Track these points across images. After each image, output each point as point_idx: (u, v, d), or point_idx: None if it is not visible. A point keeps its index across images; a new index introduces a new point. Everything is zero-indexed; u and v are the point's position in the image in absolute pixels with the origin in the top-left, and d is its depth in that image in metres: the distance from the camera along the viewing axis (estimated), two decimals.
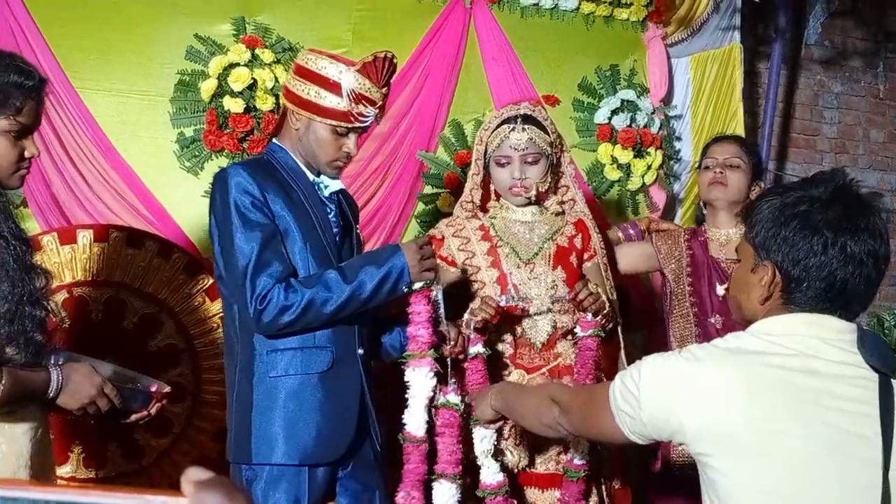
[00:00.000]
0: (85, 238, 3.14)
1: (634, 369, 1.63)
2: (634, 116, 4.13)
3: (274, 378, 2.27)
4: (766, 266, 1.61)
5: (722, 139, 3.15)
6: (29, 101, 1.91)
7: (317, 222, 2.36)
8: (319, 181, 2.44)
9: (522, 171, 2.71)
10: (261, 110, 3.51)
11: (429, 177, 3.83)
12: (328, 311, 2.23)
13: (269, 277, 2.19)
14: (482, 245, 2.77)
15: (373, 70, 2.30)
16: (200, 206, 3.49)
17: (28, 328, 1.84)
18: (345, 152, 2.38)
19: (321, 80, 2.31)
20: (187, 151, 3.50)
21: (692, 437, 1.53)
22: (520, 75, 3.97)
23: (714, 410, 1.50)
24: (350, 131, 2.36)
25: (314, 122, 2.34)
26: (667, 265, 3.12)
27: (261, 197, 2.26)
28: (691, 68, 4.44)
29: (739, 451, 1.48)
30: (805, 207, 1.58)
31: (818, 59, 5.42)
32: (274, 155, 2.43)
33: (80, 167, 3.37)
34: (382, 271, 2.27)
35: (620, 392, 1.63)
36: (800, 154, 5.40)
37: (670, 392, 1.55)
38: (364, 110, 2.31)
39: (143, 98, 3.47)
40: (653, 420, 1.58)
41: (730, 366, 1.52)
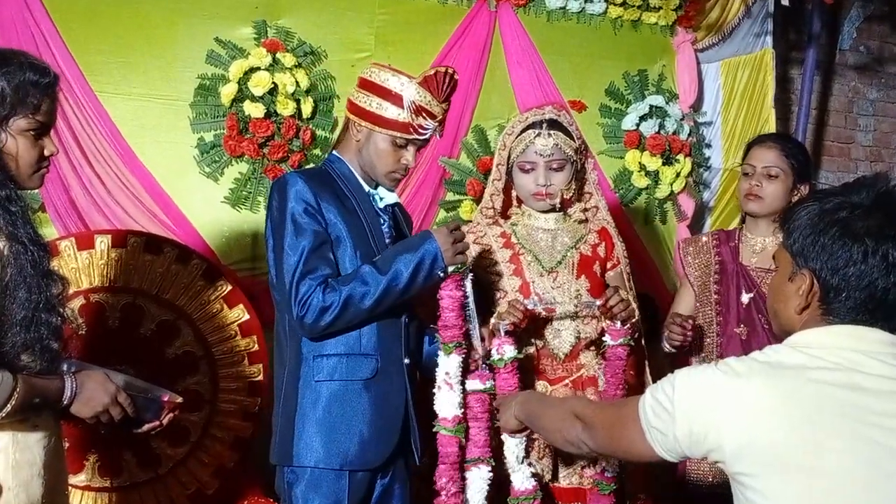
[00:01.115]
0: (103, 243, 3.16)
1: (667, 383, 1.58)
2: (663, 123, 4.12)
3: (319, 383, 2.34)
4: (804, 275, 1.57)
5: (763, 142, 3.06)
6: (46, 99, 1.92)
7: (369, 232, 2.43)
8: (375, 193, 2.51)
9: (547, 178, 2.69)
10: (281, 115, 3.53)
11: (451, 183, 3.83)
12: (367, 304, 2.29)
13: (312, 281, 2.27)
14: (504, 252, 2.76)
15: (433, 84, 2.40)
16: (220, 212, 3.53)
17: (44, 335, 1.85)
18: (403, 164, 2.45)
19: (383, 92, 2.40)
20: (207, 157, 3.52)
21: (731, 455, 1.49)
22: (545, 80, 3.96)
23: (754, 428, 1.46)
24: (409, 143, 2.44)
25: (375, 133, 2.42)
26: (692, 273, 3.09)
27: (315, 204, 2.34)
28: (722, 74, 4.42)
29: (781, 470, 1.44)
30: (845, 214, 1.54)
31: (853, 64, 5.38)
32: (332, 165, 2.51)
33: (98, 172, 3.39)
34: (416, 258, 2.31)
35: (652, 408, 1.59)
36: (833, 162, 5.36)
37: (707, 407, 1.51)
38: (424, 122, 2.40)
39: (162, 102, 3.49)
40: (688, 436, 1.54)
41: (771, 381, 1.48)
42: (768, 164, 2.98)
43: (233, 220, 3.55)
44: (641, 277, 3.66)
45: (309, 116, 3.61)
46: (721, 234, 3.17)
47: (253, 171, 3.55)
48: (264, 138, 3.51)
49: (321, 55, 3.68)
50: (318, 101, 3.64)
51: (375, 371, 2.37)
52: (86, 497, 3.06)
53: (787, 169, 2.98)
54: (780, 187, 2.98)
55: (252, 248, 3.54)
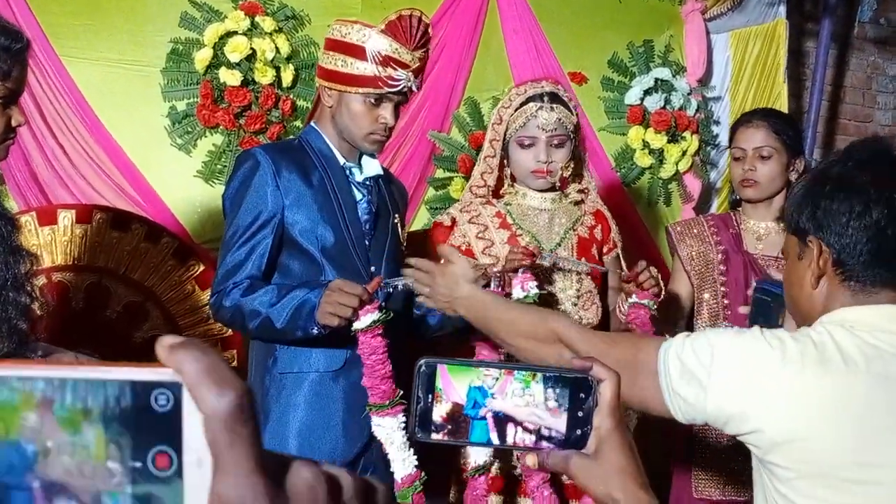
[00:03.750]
0: (66, 219, 3.13)
1: (702, 348, 1.48)
2: (669, 97, 4.10)
3: (288, 374, 2.37)
4: (810, 244, 1.56)
5: (749, 122, 3.02)
6: (16, 65, 1.89)
7: (338, 208, 2.42)
8: (353, 166, 2.49)
9: (548, 154, 2.69)
10: (260, 83, 3.48)
11: (441, 159, 3.81)
12: (252, 326, 2.31)
13: (227, 272, 2.32)
14: (501, 233, 2.75)
15: (398, 29, 2.35)
16: (192, 187, 3.50)
17: (12, 315, 1.82)
18: (381, 123, 2.41)
19: (347, 48, 2.37)
20: (179, 127, 3.48)
21: (767, 445, 1.44)
22: (544, 50, 3.94)
23: (801, 426, 1.42)
24: (384, 99, 2.40)
25: (345, 94, 2.40)
26: (687, 261, 3.09)
27: (269, 184, 2.35)
28: (731, 45, 4.40)
29: (819, 473, 1.41)
30: (839, 169, 1.54)
31: (872, 37, 5.37)
32: (306, 137, 2.50)
33: (62, 142, 3.35)
34: (298, 301, 2.25)
35: (678, 371, 1.49)
36: (849, 142, 5.37)
37: (750, 391, 1.44)
38: (394, 73, 2.36)
39: (132, 68, 3.44)
40: (718, 413, 1.47)
41: (825, 375, 1.42)
42: (759, 145, 2.98)
43: (206, 195, 3.50)
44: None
45: (289, 85, 3.57)
46: (717, 220, 3.16)
47: (228, 144, 3.51)
48: (241, 108, 3.47)
49: (304, 20, 3.63)
50: (300, 69, 3.59)
51: (344, 361, 2.37)
52: None
53: (780, 146, 2.97)
54: (774, 167, 2.98)
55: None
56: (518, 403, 0.96)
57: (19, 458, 0.44)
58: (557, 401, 0.97)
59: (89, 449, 0.45)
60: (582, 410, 0.98)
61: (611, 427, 1.00)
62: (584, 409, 0.98)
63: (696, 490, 2.94)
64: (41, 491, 0.45)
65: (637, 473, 1.01)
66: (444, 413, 0.95)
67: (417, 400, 0.95)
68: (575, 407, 0.98)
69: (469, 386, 0.95)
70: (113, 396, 0.45)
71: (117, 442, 0.45)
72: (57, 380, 0.45)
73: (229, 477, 0.44)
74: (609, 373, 1.00)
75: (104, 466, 0.45)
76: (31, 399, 0.45)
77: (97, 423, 0.45)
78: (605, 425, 1.00)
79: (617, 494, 1.00)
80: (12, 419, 0.45)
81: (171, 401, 0.45)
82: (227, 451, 0.44)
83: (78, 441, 0.45)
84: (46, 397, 0.45)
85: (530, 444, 0.97)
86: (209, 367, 0.45)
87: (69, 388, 0.45)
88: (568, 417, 0.97)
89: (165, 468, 0.45)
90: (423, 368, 0.95)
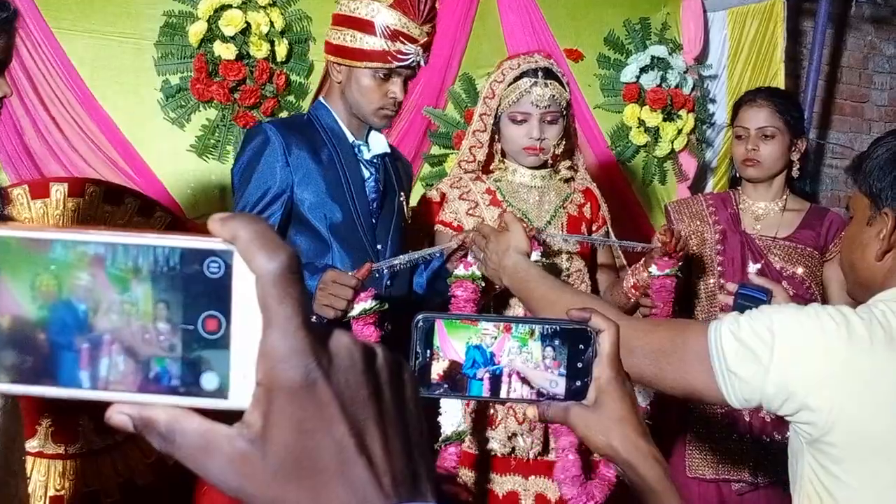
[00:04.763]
0: (58, 192, 3.12)
1: (760, 325, 1.43)
2: (665, 75, 4.10)
3: None
4: (885, 215, 1.53)
5: (753, 101, 3.03)
6: (3, 35, 1.88)
7: (346, 184, 2.43)
8: (361, 143, 2.51)
9: (541, 131, 2.68)
10: (254, 57, 3.48)
11: (436, 136, 3.81)
12: None
13: None
14: (492, 210, 2.74)
15: (407, 4, 2.38)
16: (185, 162, 3.49)
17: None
18: (391, 98, 2.45)
19: (355, 23, 2.40)
20: (172, 101, 3.48)
21: (824, 425, 1.40)
22: (540, 27, 3.93)
23: (866, 411, 1.38)
24: (392, 74, 2.43)
25: (354, 70, 2.43)
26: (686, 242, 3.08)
27: (279, 159, 2.36)
28: (729, 24, 4.39)
29: (873, 456, 1.39)
30: None
31: (869, 17, 5.36)
32: (315, 113, 2.53)
33: (54, 115, 3.34)
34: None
35: (734, 350, 1.43)
36: (846, 122, 5.36)
37: (815, 370, 1.40)
38: (403, 48, 2.39)
39: (125, 41, 3.43)
40: (778, 392, 1.41)
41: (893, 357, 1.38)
42: (762, 125, 2.98)
43: (199, 170, 3.51)
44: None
45: (283, 60, 3.57)
46: (716, 199, 3.17)
47: (222, 118, 3.51)
48: (235, 82, 3.47)
49: None
50: (294, 43, 3.60)
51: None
52: (38, 464, 3.04)
53: (783, 126, 2.98)
54: (777, 147, 2.98)
55: (220, 200, 3.50)
56: (515, 359, 0.97)
57: (72, 317, 0.47)
58: (556, 355, 0.98)
59: (138, 306, 0.48)
60: (581, 361, 0.99)
61: (610, 377, 1.00)
62: (584, 360, 0.99)
63: (689, 469, 2.95)
64: (88, 351, 0.47)
65: (637, 422, 1.01)
66: (443, 368, 0.96)
67: (416, 355, 0.96)
68: (574, 358, 0.98)
69: (467, 343, 0.96)
70: (164, 258, 0.48)
71: (166, 302, 0.48)
72: (110, 243, 0.48)
73: (279, 331, 0.48)
74: (608, 323, 1.00)
75: (153, 326, 0.48)
76: (84, 257, 0.48)
77: (146, 281, 0.48)
78: (605, 375, 1.00)
79: (616, 443, 1.01)
80: (66, 278, 0.47)
81: (223, 268, 0.49)
82: (278, 307, 0.48)
83: (127, 299, 0.48)
84: (98, 255, 0.48)
85: (530, 396, 0.98)
86: (261, 233, 0.49)
87: (121, 249, 0.48)
88: (567, 369, 0.98)
89: (214, 331, 0.49)
90: (420, 324, 0.95)
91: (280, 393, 0.48)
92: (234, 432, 0.49)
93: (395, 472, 0.50)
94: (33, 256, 0.47)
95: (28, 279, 0.47)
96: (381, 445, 0.50)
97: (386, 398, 0.52)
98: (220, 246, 0.49)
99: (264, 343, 0.48)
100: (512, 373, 0.97)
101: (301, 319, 0.48)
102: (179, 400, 0.49)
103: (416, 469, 0.52)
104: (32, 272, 0.47)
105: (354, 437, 0.49)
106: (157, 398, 0.49)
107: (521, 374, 0.97)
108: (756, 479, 2.88)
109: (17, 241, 0.47)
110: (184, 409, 0.49)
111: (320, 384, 0.48)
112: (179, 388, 0.49)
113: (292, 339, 0.48)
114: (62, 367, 0.47)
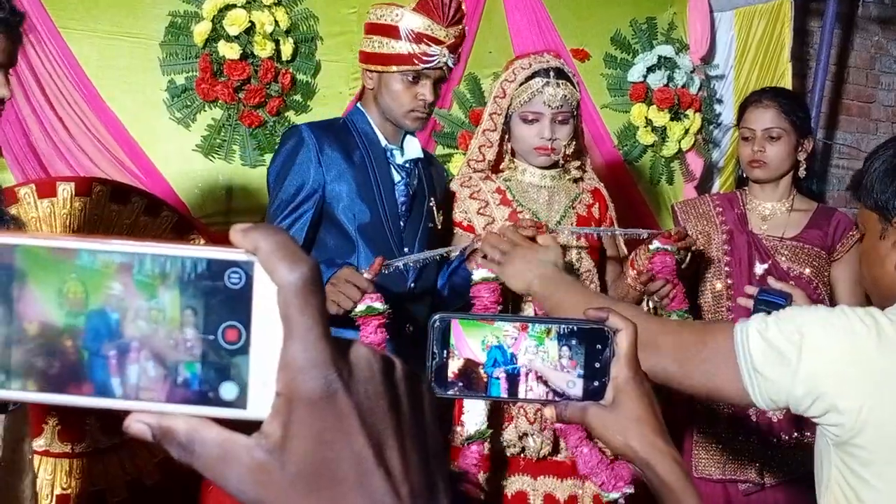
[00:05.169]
0: (65, 191, 3.13)
1: (788, 325, 1.42)
2: (672, 75, 4.09)
3: None
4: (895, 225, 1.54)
5: (759, 102, 3.03)
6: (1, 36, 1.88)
7: (377, 188, 2.49)
8: (394, 148, 2.56)
9: (553, 131, 2.68)
10: (259, 57, 3.48)
11: (441, 136, 3.81)
12: None
13: None
14: (502, 210, 2.74)
15: (431, 7, 2.44)
16: (191, 161, 3.49)
17: None
18: (420, 101, 2.50)
19: (382, 29, 2.47)
20: (178, 101, 3.48)
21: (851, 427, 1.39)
22: (546, 26, 3.92)
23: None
24: (421, 77, 2.48)
25: (384, 76, 2.50)
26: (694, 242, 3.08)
27: (312, 160, 2.43)
28: (736, 24, 4.38)
29: None
30: None
31: (876, 17, 5.35)
32: (352, 117, 2.61)
33: (61, 115, 3.35)
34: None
35: (761, 351, 1.42)
36: (852, 122, 5.35)
37: (844, 372, 1.39)
38: (428, 49, 2.44)
39: (131, 41, 3.43)
40: (806, 394, 1.41)
41: None
42: (769, 126, 2.98)
43: (206, 169, 3.51)
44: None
45: (289, 59, 3.57)
46: (722, 199, 3.17)
47: (227, 118, 3.51)
48: (240, 82, 3.47)
49: None
50: (299, 42, 3.60)
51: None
52: (44, 463, 3.05)
53: (789, 127, 2.97)
54: (783, 148, 2.98)
55: (226, 200, 3.51)
56: (533, 359, 0.97)
57: (100, 325, 0.48)
58: (573, 355, 0.97)
59: (165, 313, 0.48)
60: (599, 361, 0.98)
61: (628, 377, 0.99)
62: (602, 360, 0.99)
63: (696, 469, 2.95)
64: (116, 357, 0.48)
65: (655, 422, 1.01)
66: (459, 368, 0.96)
67: (433, 356, 0.96)
68: (592, 358, 0.98)
69: (483, 341, 0.96)
70: (190, 265, 0.49)
71: (193, 308, 0.49)
72: (136, 253, 0.48)
73: (300, 342, 0.48)
74: (625, 322, 1.00)
75: (180, 332, 0.49)
76: (111, 265, 0.48)
77: (174, 287, 0.48)
78: (623, 375, 0.99)
79: (634, 443, 1.00)
80: (98, 287, 0.48)
81: (244, 279, 0.49)
82: (300, 318, 0.48)
83: (154, 305, 0.48)
84: (125, 263, 0.48)
85: (546, 396, 0.98)
86: (283, 244, 0.49)
87: (148, 257, 0.48)
88: (584, 369, 0.98)
89: (234, 341, 0.49)
90: (436, 324, 0.96)
91: (300, 404, 0.48)
92: (253, 442, 0.49)
93: (412, 483, 0.51)
94: (60, 264, 0.47)
95: (55, 286, 0.47)
96: (400, 457, 0.51)
97: (404, 409, 0.52)
98: (241, 257, 0.49)
99: (285, 354, 0.48)
100: (529, 372, 0.97)
101: (322, 330, 0.48)
102: (199, 409, 0.49)
103: (434, 480, 0.53)
104: (60, 279, 0.47)
105: (373, 449, 0.49)
106: (178, 408, 0.49)
107: (539, 374, 0.97)
108: (763, 479, 2.88)
109: (45, 251, 0.47)
110: (203, 419, 0.49)
111: (340, 395, 0.48)
112: (199, 398, 0.49)
113: (313, 349, 0.48)
114: (92, 374, 0.48)
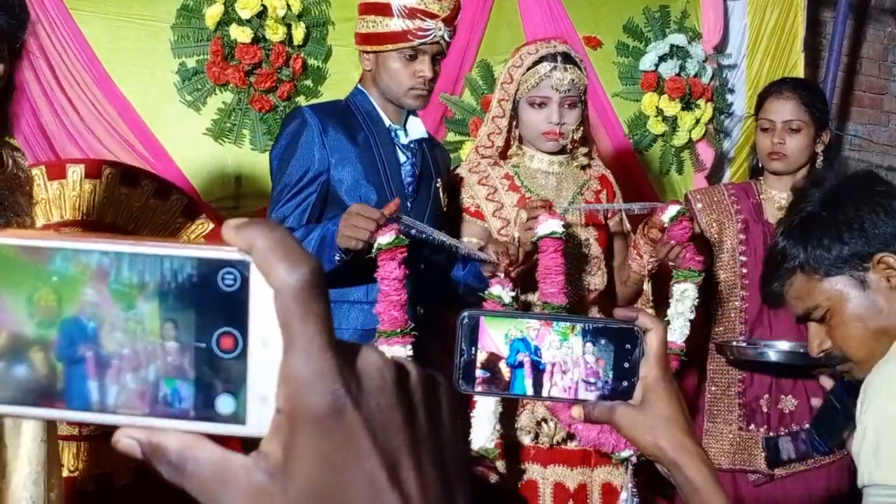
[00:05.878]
0: (75, 174, 3.13)
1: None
2: (684, 64, 4.08)
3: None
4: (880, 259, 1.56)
5: (780, 92, 3.01)
6: None
7: (382, 168, 2.48)
8: (398, 128, 2.55)
9: (561, 115, 2.68)
10: (270, 41, 3.47)
11: (452, 122, 3.80)
12: None
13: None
14: (511, 196, 2.74)
15: None
16: (201, 145, 3.49)
17: None
18: (419, 78, 2.49)
19: (375, 8, 2.47)
20: (189, 84, 3.47)
21: None
22: (559, 13, 3.91)
23: None
24: (418, 53, 2.47)
25: (381, 55, 2.49)
26: (706, 229, 3.06)
27: (316, 141, 2.42)
28: (749, 13, 4.36)
29: None
30: (832, 193, 1.61)
31: (890, 8, 5.31)
32: (354, 98, 2.59)
33: (71, 97, 3.35)
34: (321, 232, 2.31)
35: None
36: (864, 114, 5.32)
37: None
38: (423, 24, 2.43)
39: (142, 23, 3.43)
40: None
41: None
42: (789, 118, 2.95)
43: (215, 153, 3.51)
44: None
45: (300, 43, 3.56)
46: (737, 189, 3.15)
47: (238, 102, 3.50)
48: (251, 66, 3.46)
49: None
50: (311, 27, 3.59)
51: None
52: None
53: (809, 119, 2.96)
54: (803, 140, 2.96)
55: (235, 184, 3.51)
56: (558, 355, 0.96)
57: (75, 335, 0.44)
58: (599, 353, 0.97)
59: (143, 325, 0.44)
60: (628, 361, 0.98)
61: (657, 377, 0.99)
62: (631, 360, 0.98)
63: None
64: (93, 371, 0.44)
65: (684, 422, 1.01)
66: (482, 362, 0.95)
67: (461, 352, 0.95)
68: (621, 358, 0.98)
69: (507, 336, 0.95)
70: (172, 273, 0.44)
71: (174, 321, 0.44)
72: (114, 253, 0.44)
73: (302, 353, 0.43)
74: (655, 322, 0.99)
75: (160, 346, 0.44)
76: (87, 271, 0.44)
77: (153, 298, 0.44)
78: (652, 375, 0.99)
79: (663, 443, 1.00)
80: (73, 294, 0.44)
81: (238, 280, 0.44)
82: (300, 326, 0.43)
83: (132, 317, 0.44)
84: (102, 269, 0.44)
85: (574, 395, 0.98)
86: (280, 242, 0.44)
87: (126, 262, 0.44)
88: (613, 368, 0.97)
89: (230, 350, 0.44)
90: (465, 321, 0.95)
91: (303, 422, 0.43)
92: (252, 463, 0.44)
93: (429, 502, 0.46)
94: (32, 268, 0.43)
95: (25, 293, 0.43)
96: (416, 475, 0.46)
97: (420, 420, 0.47)
98: (235, 256, 0.44)
99: (285, 366, 0.43)
100: (554, 368, 0.96)
101: (326, 339, 0.43)
102: (192, 425, 0.44)
103: (453, 494, 0.48)
104: (31, 285, 0.43)
105: (387, 470, 0.44)
106: (168, 423, 0.44)
107: (564, 370, 0.97)
108: (772, 470, 2.87)
109: (15, 251, 0.44)
110: (196, 436, 0.45)
111: (348, 411, 0.43)
112: (192, 412, 0.44)
113: (316, 361, 0.43)
114: (66, 388, 0.44)
